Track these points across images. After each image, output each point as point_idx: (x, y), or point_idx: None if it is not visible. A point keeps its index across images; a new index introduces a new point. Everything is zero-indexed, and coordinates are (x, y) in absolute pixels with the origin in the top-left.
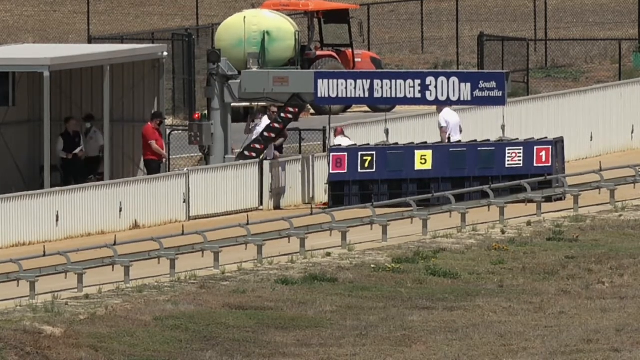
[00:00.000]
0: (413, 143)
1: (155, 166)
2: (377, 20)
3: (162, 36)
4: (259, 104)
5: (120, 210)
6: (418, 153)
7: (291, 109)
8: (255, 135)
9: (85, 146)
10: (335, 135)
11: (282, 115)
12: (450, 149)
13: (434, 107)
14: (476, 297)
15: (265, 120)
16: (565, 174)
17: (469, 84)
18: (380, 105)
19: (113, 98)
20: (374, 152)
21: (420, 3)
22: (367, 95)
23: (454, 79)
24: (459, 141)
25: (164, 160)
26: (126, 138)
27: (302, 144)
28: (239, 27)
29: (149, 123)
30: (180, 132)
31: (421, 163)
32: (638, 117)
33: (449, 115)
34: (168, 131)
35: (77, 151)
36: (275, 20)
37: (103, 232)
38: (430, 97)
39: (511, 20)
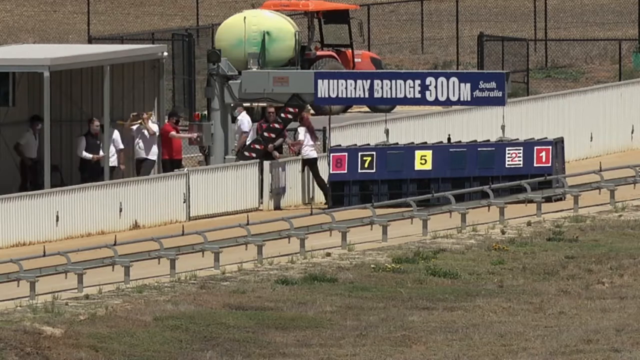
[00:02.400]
0: (413, 143)
1: (173, 166)
2: (377, 21)
3: (162, 36)
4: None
5: (121, 211)
6: (418, 153)
7: (291, 109)
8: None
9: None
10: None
11: (282, 115)
12: (451, 150)
13: (433, 108)
14: (476, 297)
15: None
16: (565, 174)
17: (468, 84)
18: (380, 106)
19: (113, 98)
20: (374, 153)
21: (420, 3)
22: (367, 95)
23: (453, 79)
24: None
25: (181, 157)
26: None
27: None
28: (239, 27)
29: (166, 122)
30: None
31: (421, 163)
32: (638, 118)
33: (249, 119)
34: None
35: (101, 154)
36: (275, 20)
37: (103, 232)
38: (430, 97)
39: (511, 21)
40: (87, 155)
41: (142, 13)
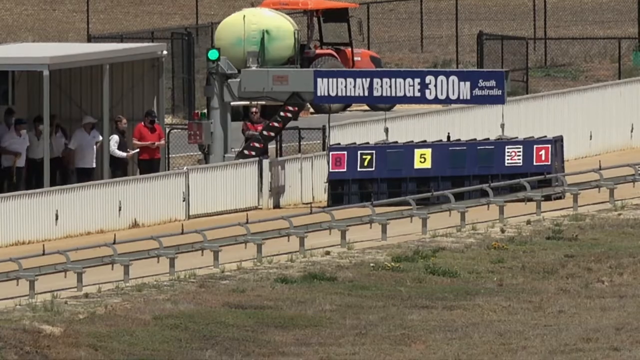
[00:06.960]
0: (412, 142)
1: (146, 166)
2: (376, 19)
3: (162, 35)
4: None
5: (120, 209)
6: (417, 152)
7: (290, 108)
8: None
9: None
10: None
11: (282, 114)
12: (450, 148)
13: (433, 106)
14: (475, 296)
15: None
16: (564, 172)
17: (468, 83)
18: (379, 104)
19: (113, 97)
20: (374, 151)
21: (420, 2)
22: (366, 94)
23: (453, 77)
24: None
25: (155, 147)
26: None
27: (301, 143)
28: (238, 26)
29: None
30: (179, 130)
31: (420, 162)
32: (637, 116)
33: None
34: (167, 130)
35: (133, 152)
36: (274, 19)
37: (102, 231)
38: (429, 96)
39: (510, 19)
40: (121, 153)
41: (142, 12)
